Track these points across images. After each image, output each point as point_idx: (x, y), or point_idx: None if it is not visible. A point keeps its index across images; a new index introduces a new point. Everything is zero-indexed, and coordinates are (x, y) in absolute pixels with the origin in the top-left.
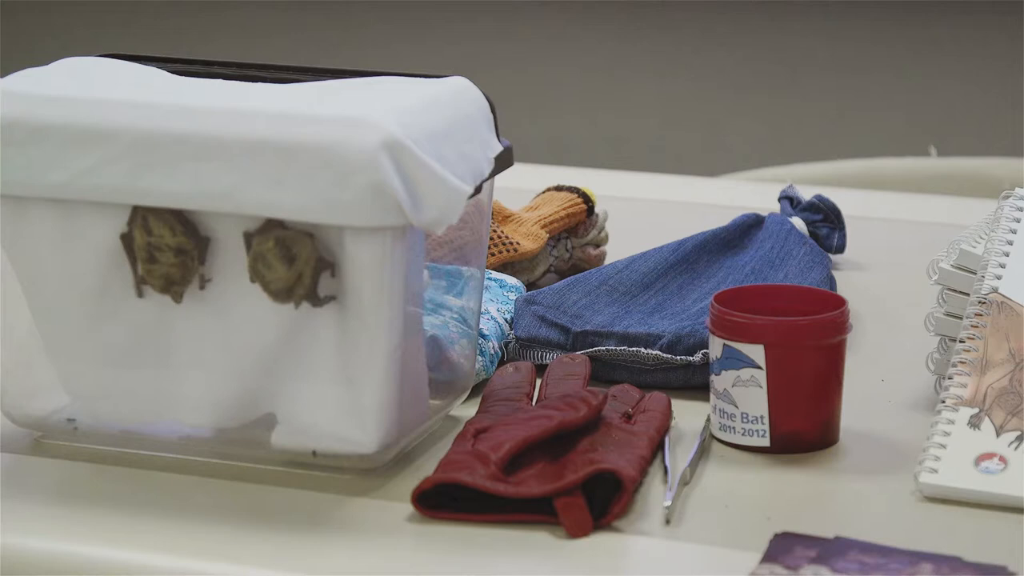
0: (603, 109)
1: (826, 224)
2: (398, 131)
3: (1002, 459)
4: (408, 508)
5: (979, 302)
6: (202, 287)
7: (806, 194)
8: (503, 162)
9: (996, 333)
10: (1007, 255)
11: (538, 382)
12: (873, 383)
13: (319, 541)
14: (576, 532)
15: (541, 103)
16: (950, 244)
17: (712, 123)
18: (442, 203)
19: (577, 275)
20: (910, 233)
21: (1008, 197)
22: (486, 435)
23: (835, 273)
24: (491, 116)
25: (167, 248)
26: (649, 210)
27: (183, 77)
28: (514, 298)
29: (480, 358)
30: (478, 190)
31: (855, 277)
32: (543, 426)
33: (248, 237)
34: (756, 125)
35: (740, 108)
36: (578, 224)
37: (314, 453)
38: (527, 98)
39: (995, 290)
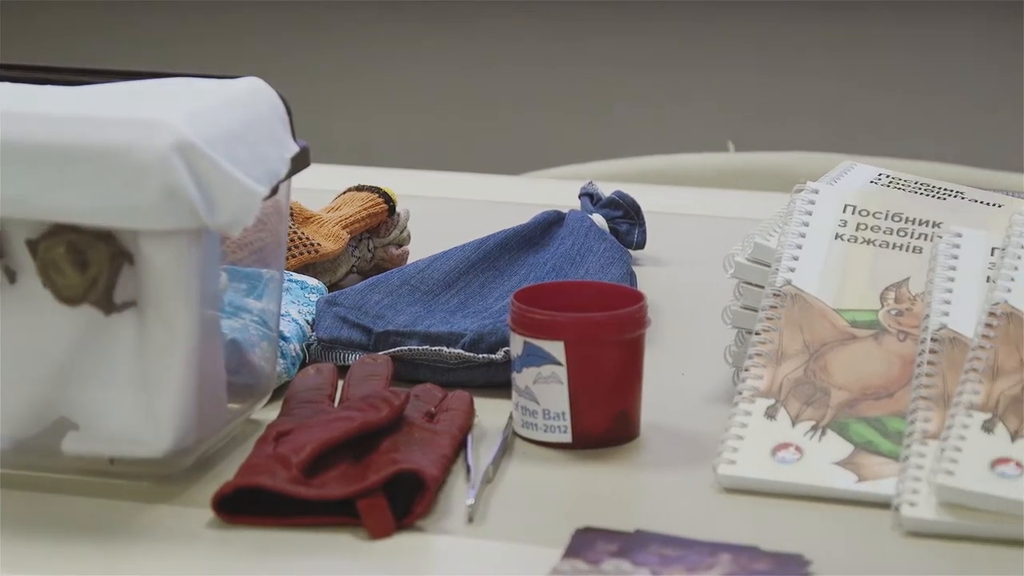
0: (406, 108)
1: (626, 220)
2: (190, 132)
3: (798, 449)
4: (208, 514)
5: (773, 295)
6: (13, 281)
7: (606, 191)
8: (299, 163)
9: (790, 325)
10: (800, 247)
11: (340, 383)
12: (673, 377)
13: (118, 550)
14: (378, 533)
15: (343, 103)
16: (745, 238)
17: (513, 121)
18: (236, 205)
19: (379, 275)
20: (709, 228)
21: (800, 191)
22: (287, 438)
23: (635, 269)
24: (286, 116)
25: None
26: (451, 209)
27: None
28: (315, 299)
29: (281, 360)
30: (274, 191)
31: (655, 272)
32: (345, 427)
33: (34, 242)
34: (556, 123)
35: (540, 106)
36: (380, 224)
37: (111, 460)
38: (329, 98)
39: (789, 282)
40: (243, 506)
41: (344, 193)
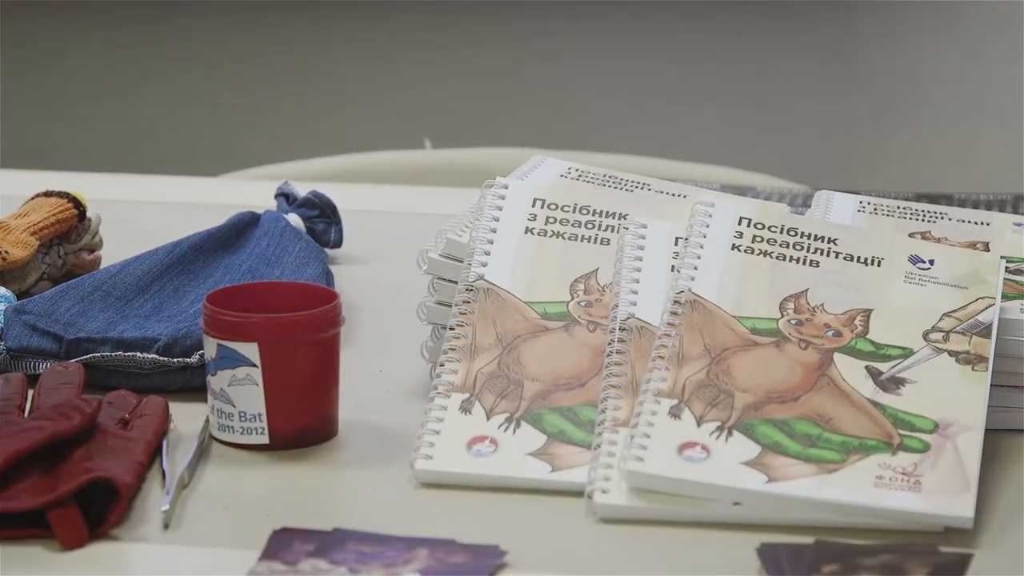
0: (97, 109)
1: (322, 219)
2: None
3: (493, 441)
4: None
5: (466, 289)
6: None
7: (302, 190)
8: None
9: (483, 319)
10: (491, 243)
11: (31, 393)
12: (371, 374)
13: None
14: (71, 543)
15: (23, 104)
16: (438, 234)
17: (207, 122)
18: None
19: (70, 281)
20: (406, 225)
21: (491, 186)
22: None
23: (333, 267)
24: None
25: None
26: (144, 213)
27: None
28: (3, 308)
29: None
30: None
31: (353, 271)
32: (34, 438)
33: None
34: (251, 124)
35: (235, 106)
36: (70, 229)
37: None
38: (14, 100)
39: (481, 277)
40: None
41: (32, 199)
